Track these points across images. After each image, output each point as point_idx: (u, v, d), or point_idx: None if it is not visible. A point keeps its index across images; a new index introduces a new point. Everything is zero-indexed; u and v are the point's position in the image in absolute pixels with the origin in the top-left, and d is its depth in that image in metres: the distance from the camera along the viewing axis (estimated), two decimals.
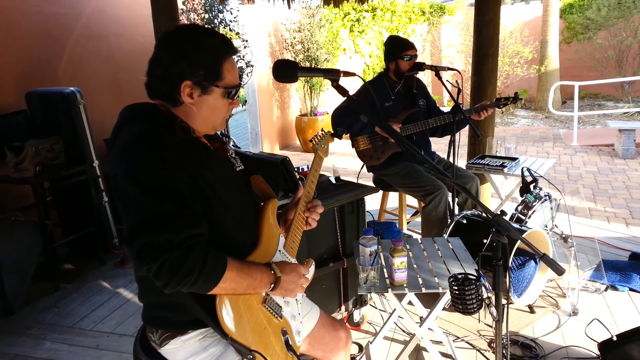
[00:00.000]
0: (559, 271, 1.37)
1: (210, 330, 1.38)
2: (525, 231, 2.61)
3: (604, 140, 7.44)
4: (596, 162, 6.52)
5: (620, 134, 6.72)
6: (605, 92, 11.01)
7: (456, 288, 1.60)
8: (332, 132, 1.80)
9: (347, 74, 1.51)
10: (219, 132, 1.51)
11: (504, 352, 1.57)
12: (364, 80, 1.63)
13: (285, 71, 1.48)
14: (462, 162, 3.60)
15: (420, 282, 2.10)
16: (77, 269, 3.83)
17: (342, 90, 1.50)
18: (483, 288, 1.57)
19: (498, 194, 3.70)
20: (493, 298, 1.51)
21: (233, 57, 1.40)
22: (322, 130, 1.80)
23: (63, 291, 3.51)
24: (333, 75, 1.48)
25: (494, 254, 1.44)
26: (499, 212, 1.43)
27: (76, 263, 3.89)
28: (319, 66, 7.99)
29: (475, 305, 1.56)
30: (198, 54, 1.33)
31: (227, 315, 1.29)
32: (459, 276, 1.62)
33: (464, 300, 1.57)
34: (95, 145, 3.95)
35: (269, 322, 1.43)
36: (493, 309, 1.46)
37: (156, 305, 1.40)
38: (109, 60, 4.91)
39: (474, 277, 1.59)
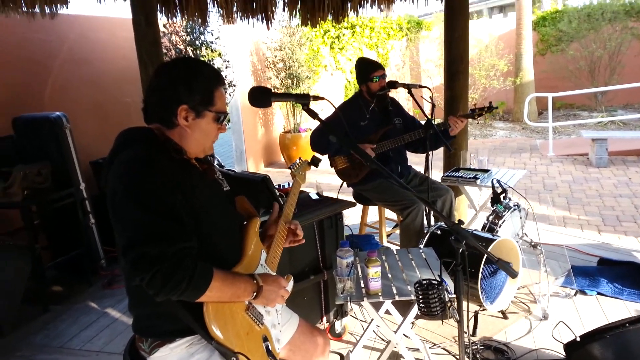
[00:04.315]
0: (513, 274, 1.51)
1: (197, 337, 1.49)
2: (494, 240, 2.76)
3: (578, 150, 7.68)
4: (571, 172, 6.74)
5: (593, 143, 6.96)
6: (580, 102, 11.35)
7: (420, 293, 1.74)
8: (309, 160, 1.99)
9: (316, 98, 1.66)
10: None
11: (467, 350, 1.70)
12: (333, 104, 1.78)
13: (259, 98, 1.61)
14: (438, 175, 3.75)
15: (394, 290, 2.23)
16: (65, 290, 3.89)
17: (312, 114, 1.65)
18: (445, 292, 1.70)
19: (472, 205, 3.86)
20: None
21: (222, 87, 1.56)
22: (299, 158, 1.99)
23: (52, 313, 3.57)
24: (303, 99, 1.63)
25: (454, 259, 1.58)
26: (456, 222, 1.57)
27: (64, 285, 3.94)
28: (300, 83, 8.20)
29: (438, 308, 1.70)
30: (194, 82, 1.50)
31: (213, 321, 1.41)
32: (424, 282, 1.76)
33: (428, 303, 1.70)
34: (82, 168, 4.04)
35: (251, 328, 1.55)
36: (455, 311, 1.59)
37: (147, 315, 1.52)
38: (93, 85, 5.02)
39: (436, 282, 1.73)
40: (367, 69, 3.43)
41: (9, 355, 3.06)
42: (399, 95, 7.66)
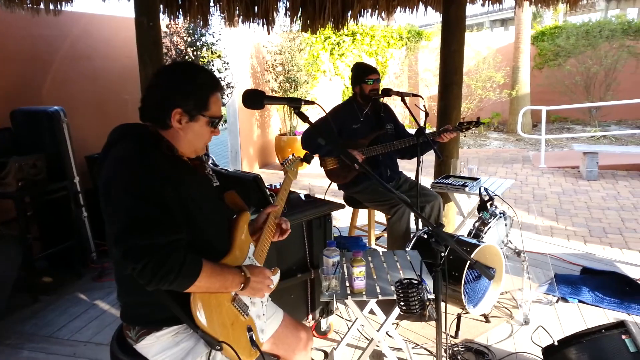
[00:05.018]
0: (489, 276, 1.58)
1: (183, 327, 1.55)
2: (478, 245, 2.83)
3: (570, 163, 7.77)
4: (561, 183, 6.83)
5: (584, 157, 7.07)
6: (574, 117, 11.49)
7: (401, 291, 1.80)
8: (302, 157, 2.03)
9: (308, 102, 1.73)
10: None
11: (447, 351, 1.76)
12: (324, 109, 1.85)
13: (252, 100, 1.68)
14: (428, 181, 3.83)
15: (378, 290, 2.29)
16: (55, 282, 3.91)
17: (303, 117, 1.71)
18: (425, 291, 1.76)
19: (460, 212, 3.93)
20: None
21: (218, 93, 1.62)
22: (292, 155, 2.04)
23: (42, 303, 3.61)
24: (295, 103, 1.70)
25: (434, 261, 1.64)
26: (436, 225, 1.63)
27: (55, 276, 3.96)
28: (298, 87, 8.29)
29: (418, 307, 1.76)
30: (190, 87, 1.55)
31: (199, 311, 1.47)
32: (404, 281, 1.83)
33: (408, 302, 1.76)
34: (77, 162, 4.08)
35: (236, 319, 1.61)
36: (433, 310, 1.66)
37: (135, 303, 1.57)
38: (93, 81, 5.07)
39: (416, 282, 1.79)
40: (362, 71, 3.55)
41: None
42: (396, 103, 7.75)
